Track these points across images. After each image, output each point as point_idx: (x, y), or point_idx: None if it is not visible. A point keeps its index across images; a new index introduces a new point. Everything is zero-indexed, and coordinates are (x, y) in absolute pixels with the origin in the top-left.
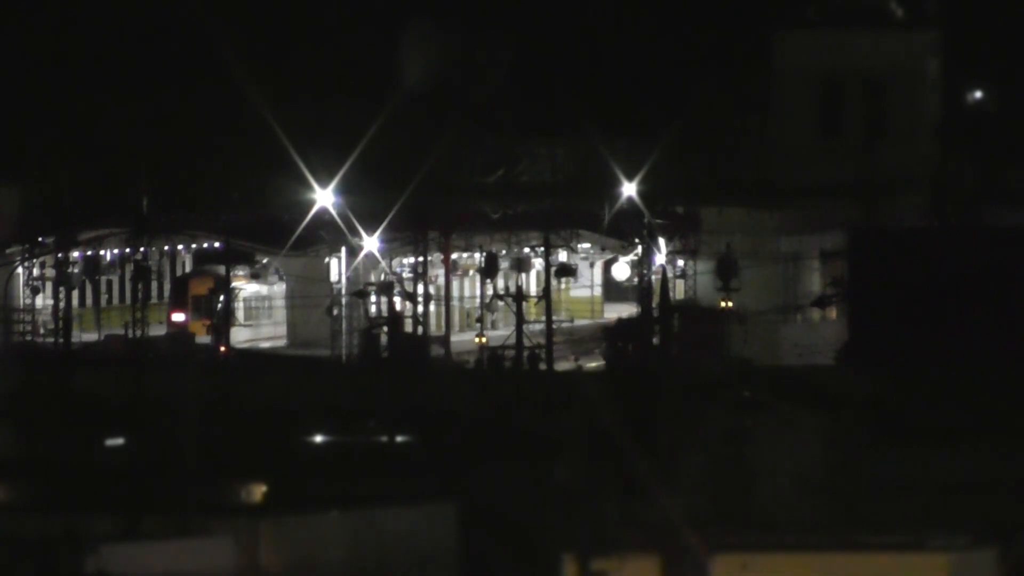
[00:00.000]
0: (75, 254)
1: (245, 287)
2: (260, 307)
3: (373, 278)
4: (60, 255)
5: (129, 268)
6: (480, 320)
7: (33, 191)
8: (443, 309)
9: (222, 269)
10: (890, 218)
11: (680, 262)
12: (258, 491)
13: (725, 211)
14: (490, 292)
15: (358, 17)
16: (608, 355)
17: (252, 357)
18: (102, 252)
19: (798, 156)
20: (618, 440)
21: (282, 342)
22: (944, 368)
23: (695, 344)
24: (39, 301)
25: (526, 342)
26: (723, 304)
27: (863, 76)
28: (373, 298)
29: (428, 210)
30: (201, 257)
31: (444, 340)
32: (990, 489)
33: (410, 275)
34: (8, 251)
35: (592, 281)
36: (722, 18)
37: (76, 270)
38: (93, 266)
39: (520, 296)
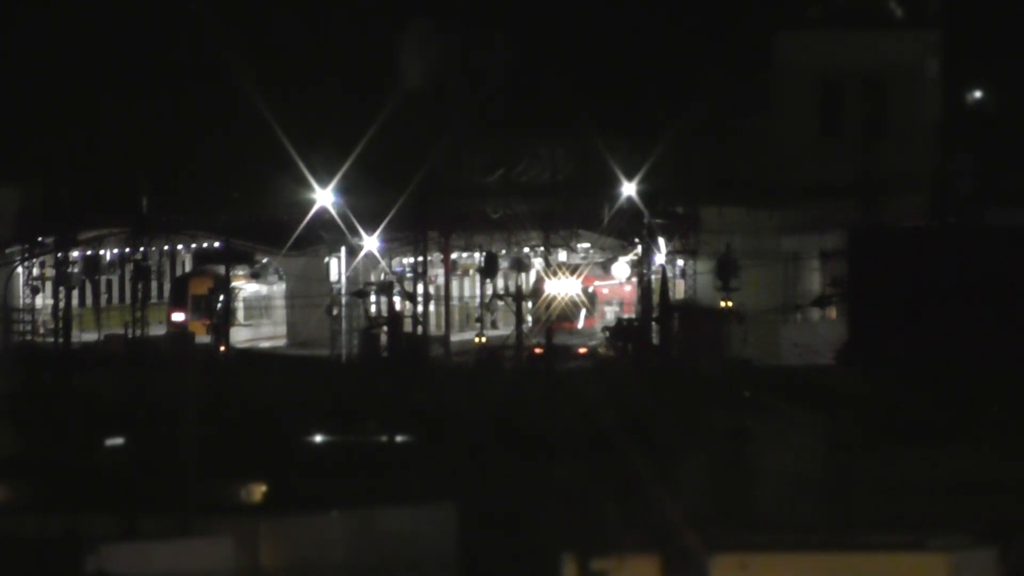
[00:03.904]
0: (75, 254)
1: (245, 287)
2: (260, 307)
3: (373, 278)
4: (60, 255)
5: (129, 268)
6: (480, 320)
7: (33, 191)
8: (443, 309)
9: (222, 269)
10: (890, 218)
11: (680, 262)
12: (258, 491)
13: (725, 211)
14: (490, 292)
15: (358, 16)
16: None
17: (252, 357)
18: (102, 252)
19: (798, 156)
20: (618, 440)
21: (282, 342)
22: (944, 368)
23: (695, 344)
24: (39, 301)
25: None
26: (723, 304)
27: (863, 76)
28: (373, 298)
29: (428, 210)
30: (201, 257)
31: (444, 340)
32: (990, 489)
33: (410, 275)
34: (8, 251)
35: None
36: (722, 18)
37: (76, 270)
38: (93, 266)
39: (520, 296)
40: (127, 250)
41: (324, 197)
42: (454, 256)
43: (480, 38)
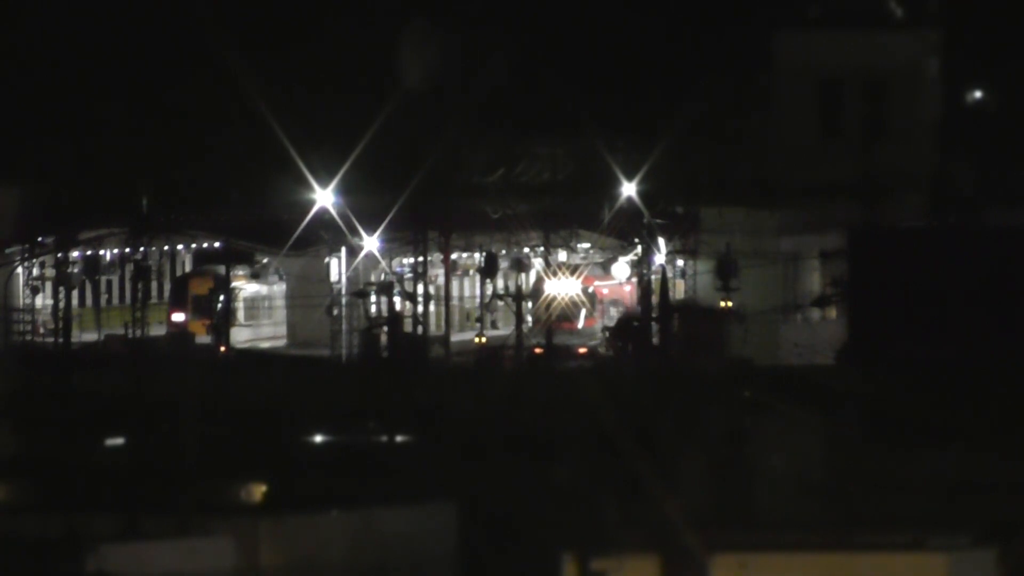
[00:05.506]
0: (75, 254)
1: (245, 287)
2: (260, 307)
3: (373, 278)
4: (60, 255)
5: (129, 268)
6: (480, 320)
7: (33, 191)
8: (443, 309)
9: (222, 269)
10: (890, 218)
11: (680, 262)
12: (258, 491)
13: (725, 211)
14: (490, 292)
15: (358, 16)
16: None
17: (252, 357)
18: (102, 252)
19: (798, 156)
20: (618, 440)
21: (282, 342)
22: (944, 368)
23: (695, 344)
24: (39, 301)
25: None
26: (723, 304)
27: (863, 76)
28: (373, 298)
29: (428, 210)
30: (201, 257)
31: (444, 340)
32: (990, 489)
33: (410, 275)
34: (8, 251)
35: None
36: (722, 17)
37: (76, 270)
38: (93, 266)
39: (520, 296)
40: (127, 250)
41: (324, 197)
42: (454, 256)
43: (480, 38)
